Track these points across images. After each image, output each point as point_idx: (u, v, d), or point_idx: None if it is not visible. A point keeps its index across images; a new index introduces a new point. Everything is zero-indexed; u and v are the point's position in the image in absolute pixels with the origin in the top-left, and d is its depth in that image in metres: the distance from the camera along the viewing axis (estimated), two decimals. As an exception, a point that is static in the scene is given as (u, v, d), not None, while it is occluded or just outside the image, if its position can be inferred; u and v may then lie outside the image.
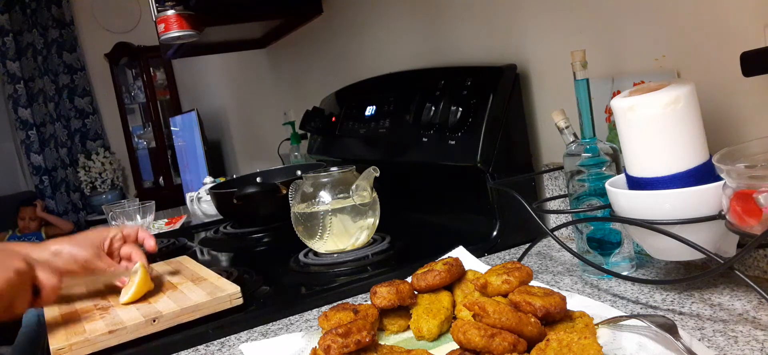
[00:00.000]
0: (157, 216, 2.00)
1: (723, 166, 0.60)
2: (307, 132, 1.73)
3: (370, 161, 1.12)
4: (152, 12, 1.55)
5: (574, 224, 0.85)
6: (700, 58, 0.80)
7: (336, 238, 1.03)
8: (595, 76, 0.90)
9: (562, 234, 1.05)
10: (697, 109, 0.69)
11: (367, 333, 0.61)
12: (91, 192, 4.89)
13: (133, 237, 0.99)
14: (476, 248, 0.96)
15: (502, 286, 0.70)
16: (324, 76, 1.95)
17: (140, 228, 1.00)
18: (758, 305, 0.66)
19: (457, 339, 0.58)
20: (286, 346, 0.72)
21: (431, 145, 1.14)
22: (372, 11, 1.58)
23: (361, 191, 1.03)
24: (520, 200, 0.85)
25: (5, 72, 4.61)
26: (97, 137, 5.01)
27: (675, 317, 0.67)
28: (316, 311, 0.86)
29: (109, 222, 1.51)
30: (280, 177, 1.59)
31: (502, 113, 1.04)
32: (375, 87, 1.46)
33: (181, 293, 0.89)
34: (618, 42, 0.92)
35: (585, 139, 0.83)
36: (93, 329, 0.79)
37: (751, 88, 0.74)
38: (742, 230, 0.59)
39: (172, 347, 0.80)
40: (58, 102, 4.82)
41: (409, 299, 0.73)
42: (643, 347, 0.58)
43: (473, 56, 1.23)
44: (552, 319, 0.62)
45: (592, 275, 0.83)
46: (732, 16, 0.75)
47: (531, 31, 1.08)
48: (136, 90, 4.86)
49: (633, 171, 0.73)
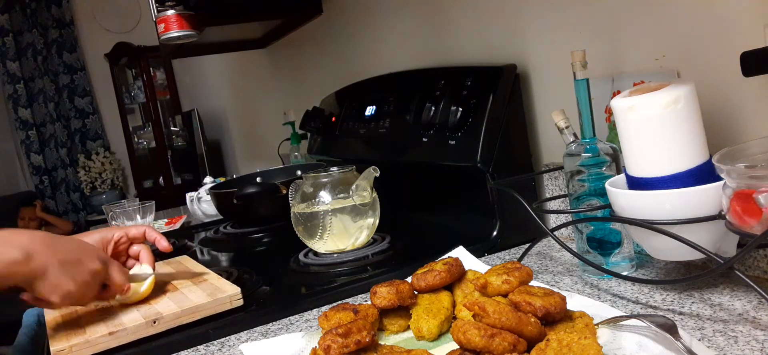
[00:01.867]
0: (157, 216, 2.01)
1: (723, 166, 0.60)
2: (307, 132, 1.73)
3: (370, 161, 1.12)
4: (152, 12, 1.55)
5: (574, 224, 0.85)
6: (700, 58, 0.80)
7: (336, 238, 1.03)
8: (595, 76, 0.90)
9: (562, 234, 1.05)
10: (697, 109, 0.69)
11: (367, 333, 0.61)
12: (91, 192, 4.89)
13: (141, 237, 0.96)
14: (476, 248, 0.96)
15: (502, 286, 0.70)
16: (324, 76, 1.95)
17: (148, 227, 0.97)
18: (758, 305, 0.66)
19: (457, 339, 0.58)
20: (286, 346, 0.72)
21: (431, 145, 1.14)
22: (372, 11, 1.58)
23: (361, 190, 1.03)
24: (520, 200, 0.85)
25: (5, 72, 4.61)
26: (97, 137, 5.01)
27: (675, 317, 0.67)
28: (316, 311, 0.86)
29: (109, 222, 1.51)
30: (280, 177, 1.59)
31: (502, 113, 1.04)
32: (375, 87, 1.46)
33: (181, 293, 0.89)
34: (618, 42, 0.92)
35: (585, 139, 0.83)
36: (93, 330, 0.79)
37: (751, 88, 0.74)
38: (742, 230, 0.59)
39: (173, 347, 0.80)
40: (58, 102, 4.82)
41: (409, 299, 0.73)
42: (643, 347, 0.58)
43: (473, 56, 1.23)
44: (552, 319, 0.62)
45: (592, 275, 0.83)
46: (732, 16, 0.75)
47: (531, 31, 1.08)
48: (136, 90, 4.86)
49: (633, 171, 0.73)
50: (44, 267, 0.74)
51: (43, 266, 0.74)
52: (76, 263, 0.77)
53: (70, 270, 0.76)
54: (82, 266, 0.78)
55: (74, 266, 0.77)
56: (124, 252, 0.95)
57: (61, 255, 0.76)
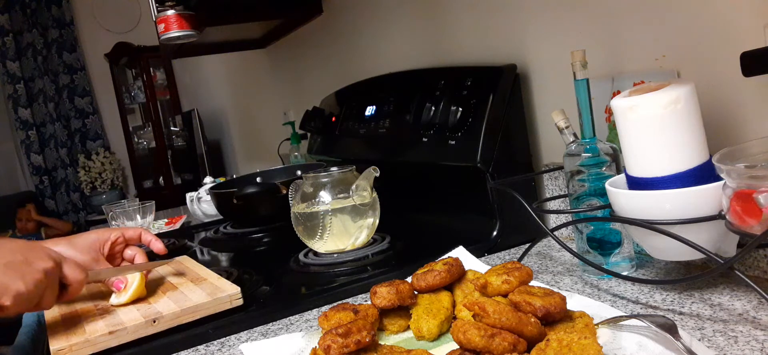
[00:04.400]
0: (157, 216, 2.00)
1: (723, 166, 0.60)
2: (307, 132, 1.73)
3: (370, 161, 1.12)
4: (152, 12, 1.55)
5: (574, 224, 0.85)
6: (700, 58, 0.80)
7: (336, 238, 1.03)
8: (595, 76, 0.90)
9: (562, 234, 1.05)
10: (697, 109, 0.69)
11: (367, 333, 0.61)
12: (91, 192, 4.89)
13: (136, 239, 0.96)
14: (476, 248, 0.96)
15: (502, 286, 0.70)
16: (324, 76, 1.95)
17: (144, 230, 0.98)
18: (758, 305, 0.66)
19: (457, 339, 0.58)
20: (286, 346, 0.72)
21: (431, 145, 1.14)
22: (372, 11, 1.58)
23: (361, 190, 1.03)
24: (520, 200, 0.85)
25: (5, 72, 4.61)
26: (97, 137, 5.01)
27: (675, 317, 0.67)
28: (316, 311, 0.86)
29: (109, 222, 1.51)
30: (280, 177, 1.59)
31: (502, 113, 1.04)
32: (375, 87, 1.46)
33: (181, 293, 0.89)
34: (618, 42, 0.92)
35: (585, 139, 0.83)
36: (93, 329, 0.79)
37: (751, 88, 0.74)
38: (742, 230, 0.59)
39: (173, 347, 0.80)
40: (58, 102, 4.82)
41: (409, 299, 0.73)
42: (643, 347, 0.58)
43: (473, 56, 1.23)
44: (552, 319, 0.62)
45: (592, 275, 0.83)
46: (732, 16, 0.75)
47: (531, 31, 1.08)
48: (136, 90, 4.86)
49: (633, 171, 0.73)
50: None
51: None
52: (22, 263, 0.74)
53: (18, 271, 0.73)
54: (31, 265, 0.75)
55: (21, 267, 0.74)
56: (120, 253, 0.95)
57: (4, 258, 0.73)
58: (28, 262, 0.75)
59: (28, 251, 0.77)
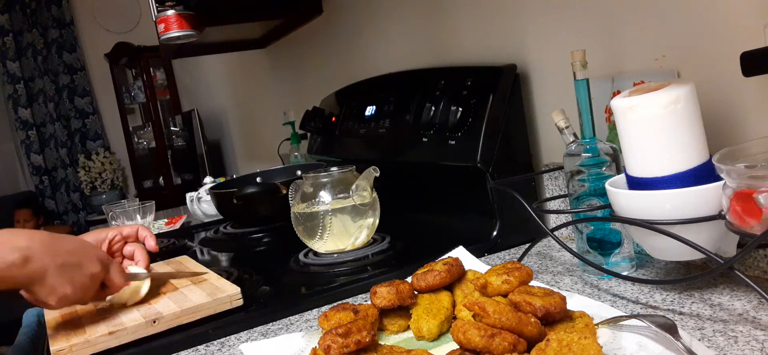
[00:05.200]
0: (157, 216, 2.00)
1: (723, 166, 0.60)
2: (307, 132, 1.73)
3: (370, 161, 1.12)
4: (152, 12, 1.55)
5: (574, 224, 0.85)
6: (700, 58, 0.80)
7: (336, 238, 1.03)
8: (595, 76, 0.90)
9: (562, 234, 1.05)
10: (697, 109, 0.69)
11: (367, 333, 0.61)
12: (91, 192, 4.89)
13: (134, 236, 0.97)
14: (476, 248, 0.96)
15: (502, 286, 0.70)
16: (324, 76, 1.95)
17: (140, 226, 0.98)
18: (758, 305, 0.66)
19: (457, 339, 0.58)
20: (286, 346, 0.72)
21: (431, 145, 1.14)
22: (372, 11, 1.58)
23: (361, 190, 1.03)
24: (520, 200, 0.85)
25: (5, 72, 4.61)
26: (97, 137, 5.01)
27: (675, 317, 0.67)
28: (316, 311, 0.86)
29: (109, 222, 1.51)
30: (280, 177, 1.59)
31: (502, 113, 1.04)
32: (375, 87, 1.46)
33: (181, 293, 0.89)
34: (618, 42, 0.92)
35: (585, 139, 0.83)
36: (93, 330, 0.79)
37: (751, 88, 0.74)
38: (742, 230, 0.59)
39: (173, 347, 0.80)
40: (58, 102, 4.82)
41: (409, 299, 0.73)
42: (643, 347, 0.58)
43: (473, 56, 1.23)
44: (552, 319, 0.62)
45: (592, 275, 0.83)
46: (732, 16, 0.75)
47: (531, 31, 1.08)
48: (136, 90, 4.86)
49: (633, 171, 0.73)
50: (43, 270, 0.73)
51: (42, 269, 0.72)
52: (75, 266, 0.76)
53: (68, 273, 0.75)
54: (82, 269, 0.77)
55: (73, 269, 0.76)
56: (118, 251, 0.95)
57: (61, 258, 0.75)
58: (80, 265, 0.77)
59: (82, 253, 0.78)
